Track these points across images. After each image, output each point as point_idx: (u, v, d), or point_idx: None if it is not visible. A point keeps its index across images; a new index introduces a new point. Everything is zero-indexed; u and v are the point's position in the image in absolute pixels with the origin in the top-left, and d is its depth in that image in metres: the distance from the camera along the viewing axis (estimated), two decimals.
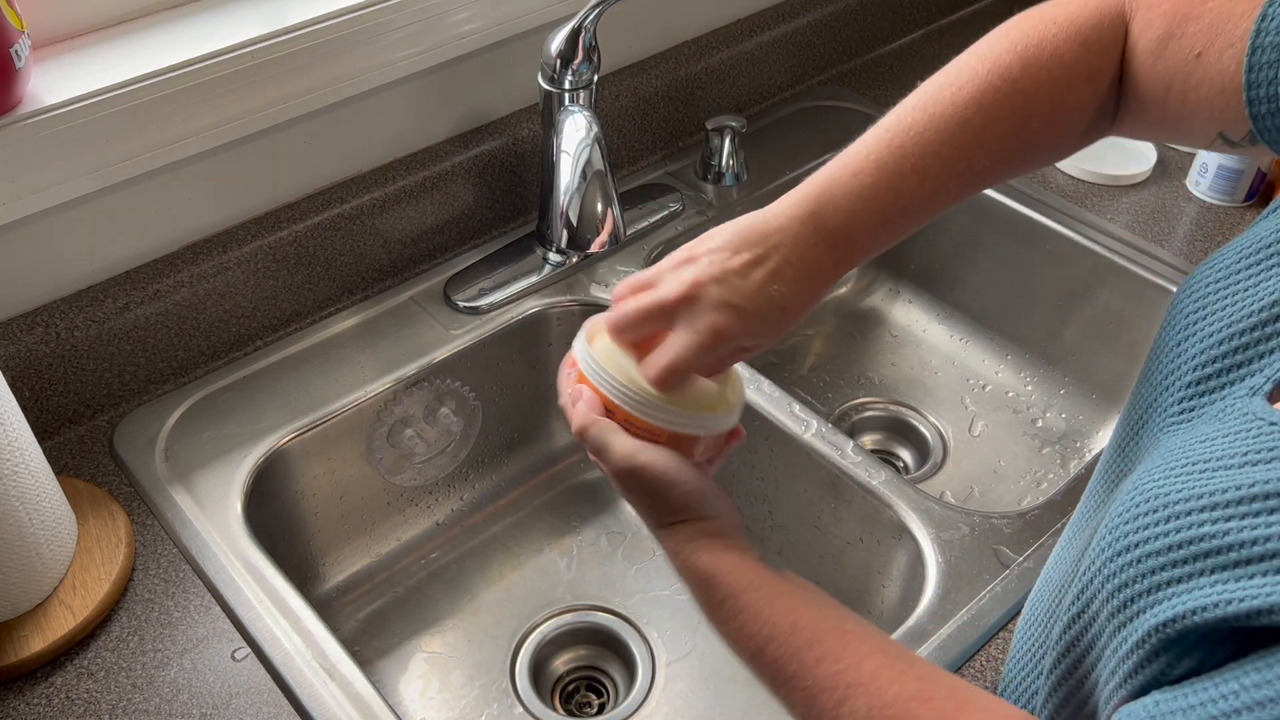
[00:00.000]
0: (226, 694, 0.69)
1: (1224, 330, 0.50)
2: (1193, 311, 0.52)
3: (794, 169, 1.13)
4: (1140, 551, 0.41)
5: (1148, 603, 0.40)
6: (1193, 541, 0.40)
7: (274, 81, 0.83)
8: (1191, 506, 0.41)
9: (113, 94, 0.76)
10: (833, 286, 0.61)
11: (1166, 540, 0.41)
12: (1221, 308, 0.51)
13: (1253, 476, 0.40)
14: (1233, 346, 0.49)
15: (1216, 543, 0.39)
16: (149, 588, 0.75)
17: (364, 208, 0.93)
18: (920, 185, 0.58)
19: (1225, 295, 0.51)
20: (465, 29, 0.92)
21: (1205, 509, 0.40)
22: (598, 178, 0.90)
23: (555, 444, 1.06)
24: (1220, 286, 0.52)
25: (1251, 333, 0.49)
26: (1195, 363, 0.51)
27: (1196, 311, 0.52)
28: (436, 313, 0.96)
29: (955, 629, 0.74)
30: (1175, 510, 0.41)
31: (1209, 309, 0.51)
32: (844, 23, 1.24)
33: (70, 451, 0.84)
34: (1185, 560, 0.40)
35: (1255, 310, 0.48)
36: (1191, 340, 0.52)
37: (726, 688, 0.89)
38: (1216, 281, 0.52)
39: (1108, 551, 0.44)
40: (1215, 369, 0.49)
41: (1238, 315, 0.49)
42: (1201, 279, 0.53)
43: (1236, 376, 0.49)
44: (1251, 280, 0.50)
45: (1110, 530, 0.44)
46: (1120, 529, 0.43)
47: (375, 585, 0.96)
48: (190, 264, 0.86)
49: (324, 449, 0.88)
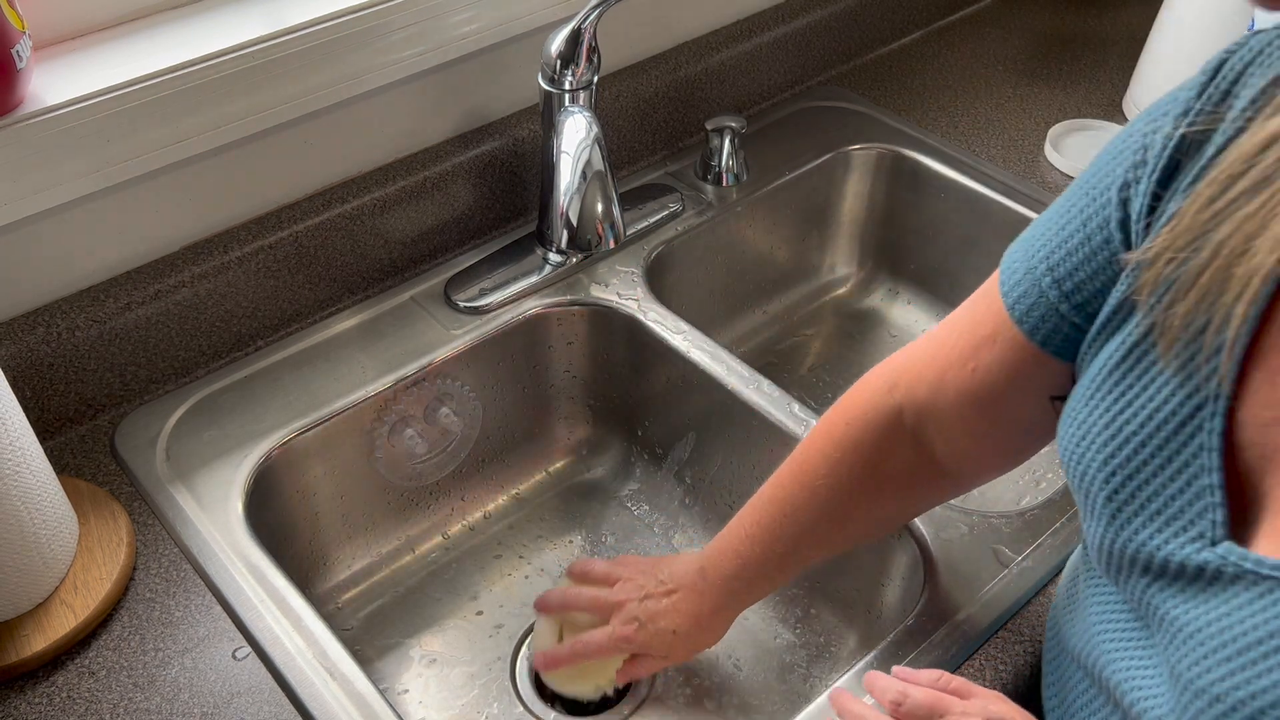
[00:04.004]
0: (227, 693, 0.69)
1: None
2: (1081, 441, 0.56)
3: (794, 169, 1.13)
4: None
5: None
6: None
7: (274, 82, 0.83)
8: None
9: (114, 94, 0.76)
10: (719, 630, 0.81)
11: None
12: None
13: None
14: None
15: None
16: (150, 587, 0.75)
17: (364, 208, 0.93)
18: (787, 551, 0.75)
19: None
20: (465, 30, 0.93)
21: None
22: (598, 178, 0.90)
23: (555, 444, 1.06)
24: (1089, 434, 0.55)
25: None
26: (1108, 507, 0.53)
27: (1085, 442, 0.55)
28: (437, 313, 0.96)
29: (955, 628, 0.74)
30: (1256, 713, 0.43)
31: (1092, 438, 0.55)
32: (844, 23, 1.24)
33: (71, 451, 0.84)
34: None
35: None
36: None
37: (727, 685, 0.89)
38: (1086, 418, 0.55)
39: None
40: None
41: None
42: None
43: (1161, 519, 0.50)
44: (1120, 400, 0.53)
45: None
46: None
47: (376, 585, 0.96)
48: (191, 264, 0.86)
49: (325, 449, 0.89)
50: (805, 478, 0.72)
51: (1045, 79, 1.26)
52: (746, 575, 0.76)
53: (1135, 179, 0.53)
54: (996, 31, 1.34)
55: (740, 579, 0.77)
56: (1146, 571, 0.50)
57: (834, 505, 0.72)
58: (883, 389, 0.69)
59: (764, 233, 1.14)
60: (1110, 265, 0.55)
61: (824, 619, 0.93)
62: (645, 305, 0.98)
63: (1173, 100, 0.52)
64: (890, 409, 0.68)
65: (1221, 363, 0.47)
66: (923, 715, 0.62)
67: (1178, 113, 0.51)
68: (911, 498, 0.73)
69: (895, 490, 0.71)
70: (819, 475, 0.71)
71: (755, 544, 0.75)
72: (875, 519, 0.74)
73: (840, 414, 0.71)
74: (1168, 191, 0.51)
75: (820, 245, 1.22)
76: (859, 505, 0.72)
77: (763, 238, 1.15)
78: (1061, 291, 0.57)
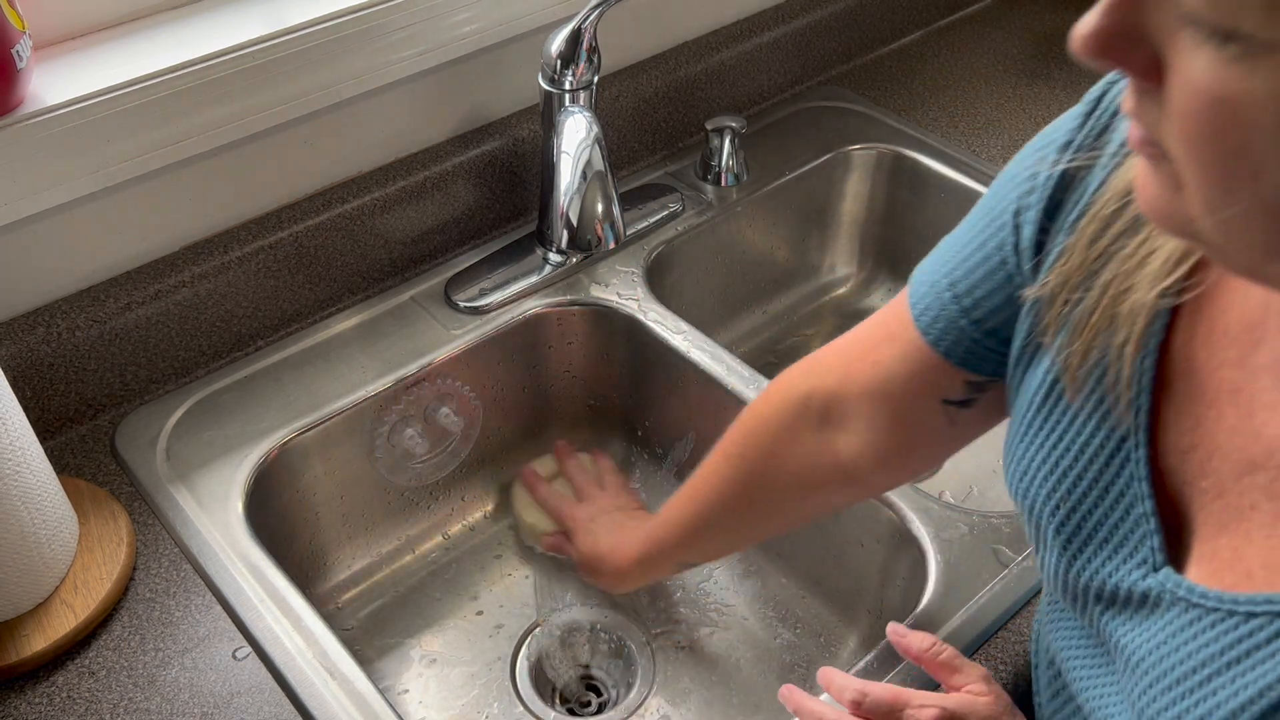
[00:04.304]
0: (227, 693, 0.69)
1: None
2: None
3: (794, 169, 1.13)
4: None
5: None
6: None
7: (274, 82, 0.83)
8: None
9: (114, 94, 0.76)
10: (628, 576, 0.87)
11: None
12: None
13: (1251, 684, 0.42)
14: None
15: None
16: (150, 587, 0.75)
17: (365, 208, 0.93)
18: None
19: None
20: (465, 30, 0.93)
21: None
22: (598, 178, 0.90)
23: (555, 443, 1.06)
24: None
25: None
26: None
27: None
28: (437, 313, 0.96)
29: (955, 628, 0.74)
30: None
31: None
32: (844, 23, 1.24)
33: (71, 451, 0.84)
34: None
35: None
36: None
37: (727, 685, 0.89)
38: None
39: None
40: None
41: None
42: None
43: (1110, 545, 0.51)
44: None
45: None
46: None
47: (376, 585, 0.96)
48: (191, 264, 0.86)
49: (325, 449, 0.89)
50: (727, 450, 0.76)
51: (1046, 79, 1.26)
52: (669, 540, 0.81)
53: (1026, 205, 0.54)
54: (997, 32, 1.34)
55: (663, 541, 0.82)
56: (1099, 599, 0.51)
57: (745, 485, 0.75)
58: (799, 373, 0.72)
59: (764, 233, 1.14)
60: (1008, 285, 0.57)
61: (824, 619, 0.93)
62: (645, 305, 0.98)
63: (1057, 129, 0.54)
64: (800, 394, 0.71)
65: (1124, 398, 0.49)
66: (884, 712, 0.63)
67: (1061, 143, 0.53)
68: (812, 489, 0.73)
69: (796, 477, 0.73)
70: (734, 452, 0.75)
71: (679, 511, 0.80)
72: (782, 506, 0.76)
73: (763, 395, 0.74)
74: (1054, 224, 0.53)
75: (820, 245, 1.22)
76: (766, 488, 0.74)
77: (763, 238, 1.15)
78: (962, 307, 0.59)
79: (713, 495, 0.77)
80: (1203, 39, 0.32)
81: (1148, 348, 0.48)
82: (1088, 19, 0.36)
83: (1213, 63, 0.32)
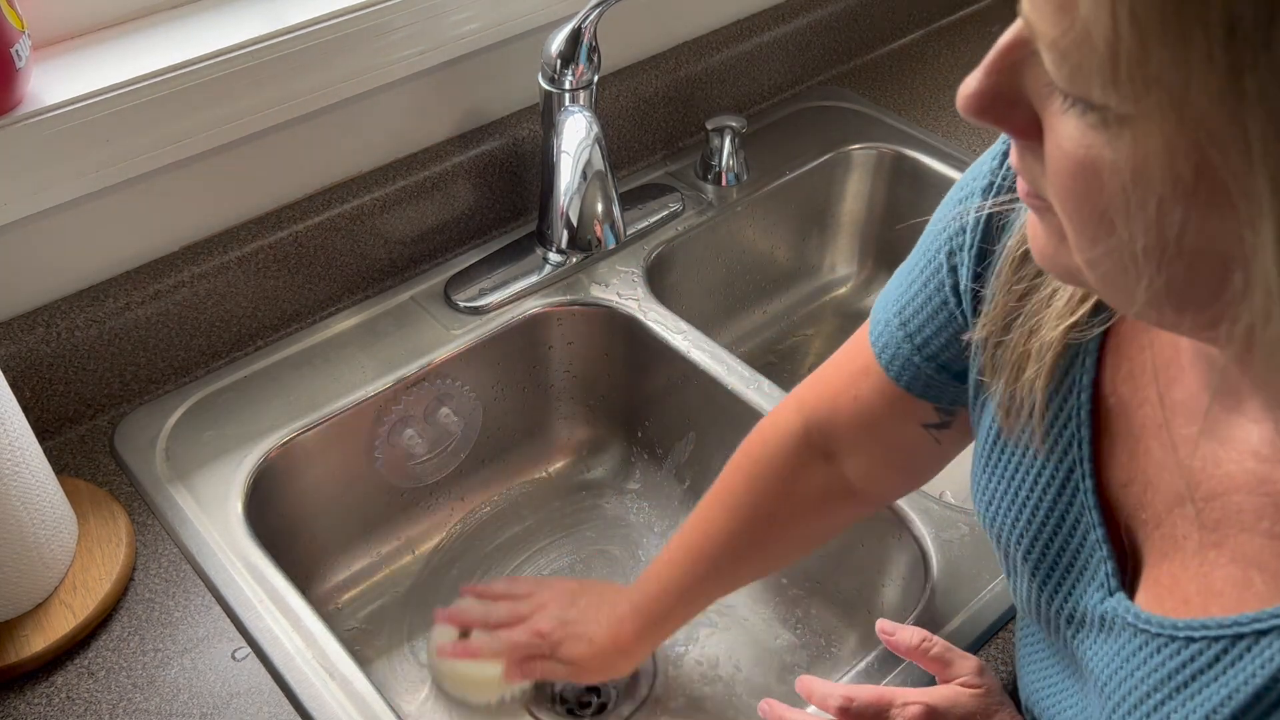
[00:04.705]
0: (227, 694, 0.69)
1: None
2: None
3: (794, 169, 1.13)
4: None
5: None
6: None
7: (274, 81, 0.83)
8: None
9: (113, 94, 0.76)
10: (636, 656, 0.80)
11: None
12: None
13: (1199, 708, 0.43)
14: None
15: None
16: (149, 587, 0.75)
17: (364, 208, 0.93)
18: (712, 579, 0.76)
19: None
20: (465, 29, 0.92)
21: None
22: (598, 178, 0.90)
23: (555, 444, 1.06)
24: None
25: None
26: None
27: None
28: (437, 313, 0.96)
29: (956, 628, 0.74)
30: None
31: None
32: (844, 23, 1.24)
33: (71, 451, 0.84)
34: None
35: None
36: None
37: (727, 687, 0.89)
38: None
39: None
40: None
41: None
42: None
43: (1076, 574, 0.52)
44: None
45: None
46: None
47: (375, 585, 0.96)
48: (190, 264, 0.86)
49: (324, 449, 0.88)
50: (727, 499, 0.74)
51: None
52: (668, 600, 0.77)
53: (958, 247, 0.56)
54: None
55: (662, 603, 0.77)
56: (1070, 621, 0.53)
57: (753, 526, 0.73)
58: (791, 410, 0.72)
59: (764, 232, 1.14)
60: (953, 324, 0.58)
61: (824, 619, 0.93)
62: (645, 305, 0.98)
63: (980, 169, 0.55)
64: (799, 430, 0.71)
65: (1040, 432, 0.51)
66: (870, 715, 0.64)
67: (983, 186, 0.54)
68: (826, 516, 0.74)
69: (810, 509, 0.73)
70: (739, 496, 0.74)
71: (676, 568, 0.76)
72: (792, 539, 0.76)
73: (758, 437, 0.74)
74: (985, 268, 0.54)
75: (821, 245, 1.22)
76: (776, 525, 0.73)
77: (763, 237, 1.15)
78: (914, 345, 0.60)
79: (717, 547, 0.75)
80: (1069, 106, 0.35)
81: (1080, 384, 0.50)
82: (969, 80, 0.38)
83: (1078, 128, 0.34)
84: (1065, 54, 0.33)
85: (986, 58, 0.38)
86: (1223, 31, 0.29)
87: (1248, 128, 0.30)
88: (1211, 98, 0.30)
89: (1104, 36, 0.31)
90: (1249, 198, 0.31)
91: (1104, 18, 0.30)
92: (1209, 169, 0.32)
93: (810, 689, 0.67)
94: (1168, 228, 0.33)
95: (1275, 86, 0.29)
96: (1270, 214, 0.31)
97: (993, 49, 0.38)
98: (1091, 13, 0.31)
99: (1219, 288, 0.34)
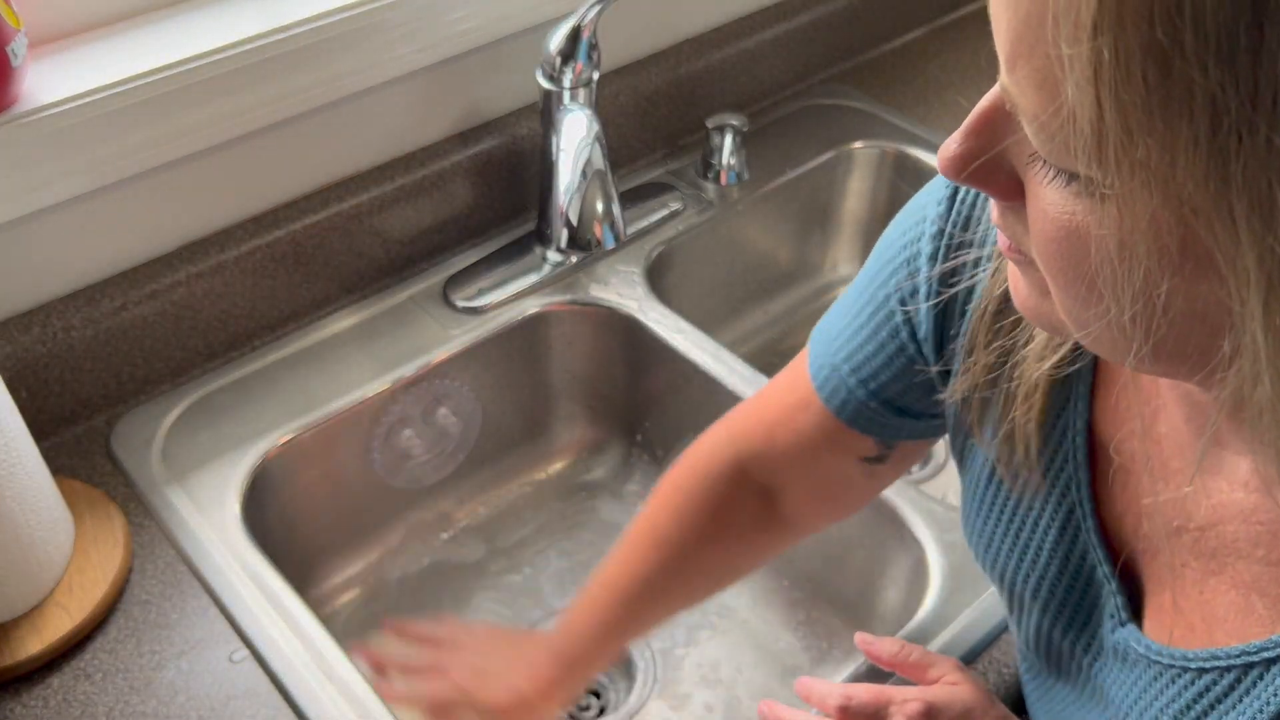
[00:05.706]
0: (224, 696, 0.69)
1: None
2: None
3: (795, 167, 1.12)
4: None
5: None
6: None
7: (271, 79, 0.83)
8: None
9: (109, 92, 0.76)
10: (561, 698, 0.75)
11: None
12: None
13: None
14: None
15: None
16: (146, 589, 0.75)
17: (362, 207, 0.93)
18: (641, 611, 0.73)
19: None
20: (464, 26, 0.92)
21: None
22: (598, 177, 0.89)
23: (554, 444, 1.06)
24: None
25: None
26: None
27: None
28: (435, 313, 0.95)
29: (958, 631, 0.74)
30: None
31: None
32: (846, 20, 1.24)
33: (67, 452, 0.83)
34: None
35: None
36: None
37: (727, 688, 0.89)
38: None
39: None
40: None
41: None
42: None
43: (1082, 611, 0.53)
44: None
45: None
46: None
47: (374, 586, 0.96)
48: (187, 263, 0.86)
49: (322, 450, 0.88)
50: (655, 534, 0.72)
51: None
52: (588, 644, 0.73)
53: (912, 291, 0.56)
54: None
55: (581, 647, 0.74)
56: (1088, 650, 0.53)
57: (681, 563, 0.71)
58: (723, 442, 0.71)
59: (765, 232, 1.14)
60: (912, 370, 0.58)
61: (826, 622, 0.92)
62: (645, 305, 0.97)
63: (925, 211, 0.55)
64: (731, 459, 0.70)
65: (1038, 471, 0.52)
66: (870, 714, 0.64)
67: (933, 232, 0.54)
68: (754, 548, 0.74)
69: (739, 542, 0.72)
70: (667, 531, 0.71)
71: (598, 611, 0.73)
72: (718, 574, 0.75)
73: (686, 467, 0.72)
74: (948, 319, 0.54)
75: (822, 244, 1.21)
76: (705, 557, 0.72)
77: (764, 237, 1.14)
78: (868, 390, 0.60)
79: (641, 585, 0.72)
80: (1052, 176, 0.35)
81: (1075, 427, 0.51)
82: (949, 143, 0.38)
83: (1061, 196, 0.35)
84: (1049, 132, 0.33)
85: (966, 120, 0.38)
86: (1207, 117, 0.29)
87: (1234, 207, 0.30)
88: (1198, 180, 0.30)
89: (1089, 120, 0.31)
90: (1236, 271, 0.31)
91: (1088, 103, 0.30)
92: (1195, 243, 0.32)
93: (809, 690, 0.67)
94: (1155, 298, 0.34)
95: (1260, 170, 0.29)
96: (1256, 286, 0.31)
97: (973, 111, 0.37)
98: (1076, 97, 0.31)
99: (1208, 351, 0.35)
